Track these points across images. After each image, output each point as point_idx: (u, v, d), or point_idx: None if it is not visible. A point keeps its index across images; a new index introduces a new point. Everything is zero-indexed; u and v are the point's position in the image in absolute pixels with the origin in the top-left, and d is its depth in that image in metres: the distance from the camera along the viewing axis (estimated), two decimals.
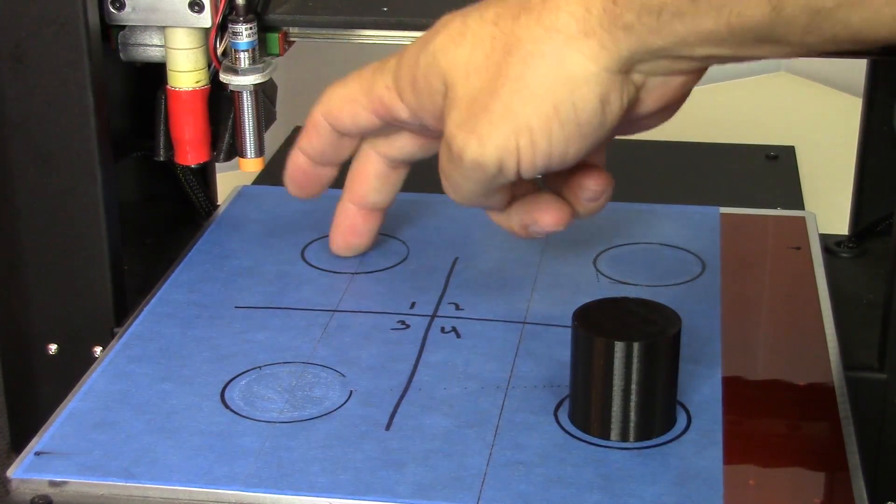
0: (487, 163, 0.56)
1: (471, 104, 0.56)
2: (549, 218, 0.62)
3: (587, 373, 0.56)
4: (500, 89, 0.55)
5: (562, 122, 0.55)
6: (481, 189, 0.58)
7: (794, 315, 0.66)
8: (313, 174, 0.68)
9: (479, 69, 0.56)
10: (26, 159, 0.69)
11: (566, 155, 0.56)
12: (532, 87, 0.54)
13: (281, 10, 0.73)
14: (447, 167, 0.58)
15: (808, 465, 0.55)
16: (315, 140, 0.67)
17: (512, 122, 0.55)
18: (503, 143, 0.55)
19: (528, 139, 0.55)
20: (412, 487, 0.53)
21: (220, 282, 0.70)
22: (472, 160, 0.56)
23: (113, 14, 0.70)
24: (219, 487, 0.53)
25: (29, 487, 0.54)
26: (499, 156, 0.56)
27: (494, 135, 0.55)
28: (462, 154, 0.56)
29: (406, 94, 0.61)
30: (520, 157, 0.56)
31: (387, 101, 0.62)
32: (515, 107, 0.55)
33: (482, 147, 0.56)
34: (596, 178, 0.61)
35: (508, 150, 0.56)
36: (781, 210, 0.78)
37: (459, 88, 0.57)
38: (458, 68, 0.57)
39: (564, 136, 0.55)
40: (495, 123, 0.55)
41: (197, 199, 0.83)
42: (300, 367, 0.62)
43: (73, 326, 0.71)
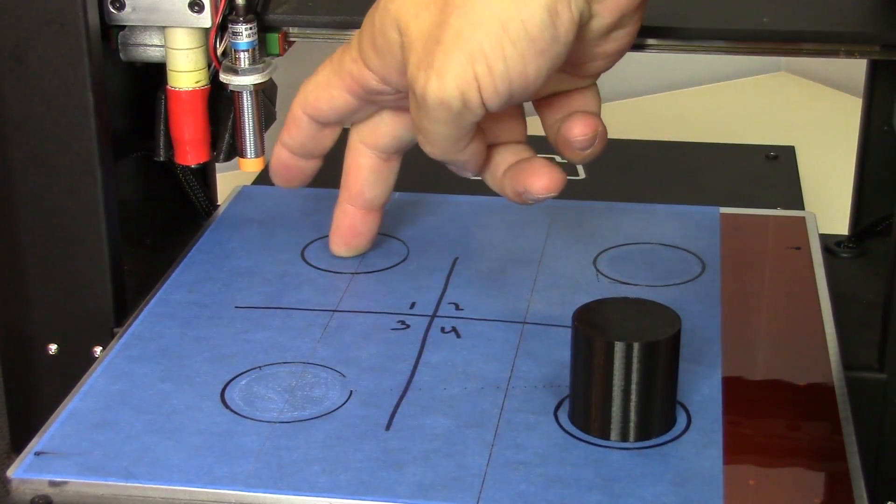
0: (449, 98, 0.56)
1: (425, 42, 0.57)
2: (539, 183, 0.62)
3: (587, 373, 0.56)
4: (449, 18, 0.56)
5: (513, 40, 0.55)
6: (452, 133, 0.58)
7: (794, 315, 0.66)
8: (296, 167, 0.69)
9: (427, 4, 0.57)
10: (26, 159, 0.69)
11: (526, 76, 0.56)
12: (478, 9, 0.55)
13: (281, 10, 0.73)
14: (416, 116, 0.59)
15: (808, 465, 0.55)
16: (295, 133, 0.67)
17: (465, 49, 0.55)
18: (461, 72, 0.56)
19: (484, 65, 0.55)
20: (412, 487, 0.53)
21: (220, 282, 0.70)
22: (435, 98, 0.56)
23: (113, 14, 0.70)
24: (219, 487, 0.53)
25: (29, 487, 0.54)
26: (459, 87, 0.56)
27: (450, 66, 0.56)
28: (425, 94, 0.57)
29: (370, 58, 0.61)
30: (480, 86, 0.56)
31: (356, 74, 0.63)
32: (465, 33, 0.55)
33: (441, 82, 0.56)
34: (582, 124, 0.61)
35: (467, 81, 0.56)
36: (781, 210, 0.78)
37: (412, 29, 0.57)
38: (407, 9, 0.57)
39: (519, 55, 0.55)
40: (449, 54, 0.56)
41: (197, 199, 0.83)
42: (300, 367, 0.62)
43: (73, 326, 0.71)
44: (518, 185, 0.63)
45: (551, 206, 0.77)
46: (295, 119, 0.67)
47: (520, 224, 0.75)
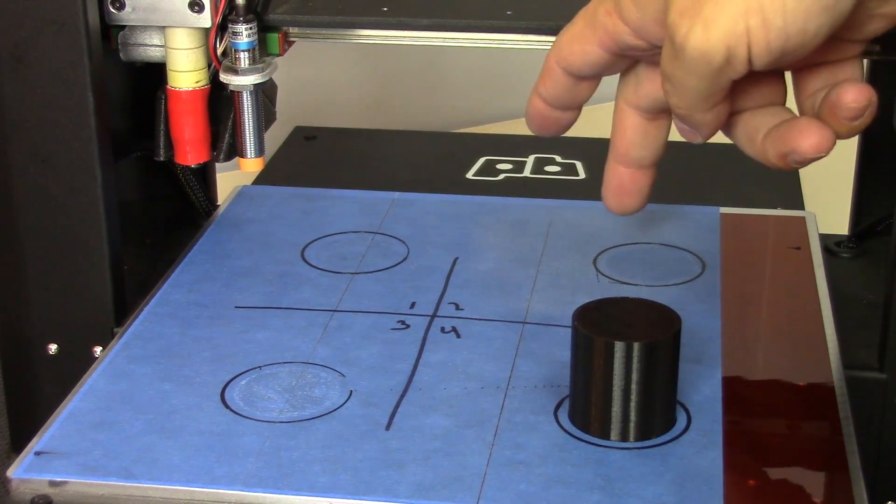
0: (713, 50, 0.52)
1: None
2: (808, 142, 0.56)
3: (587, 373, 0.56)
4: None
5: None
6: (707, 87, 0.54)
7: (794, 315, 0.66)
8: (552, 118, 0.65)
9: None
10: (26, 159, 0.69)
11: (805, 34, 0.52)
12: None
13: (281, 10, 0.73)
14: (669, 66, 0.54)
15: (808, 465, 0.55)
16: (550, 86, 0.63)
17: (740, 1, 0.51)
18: (731, 25, 0.51)
19: (759, 18, 0.51)
20: (412, 487, 0.53)
21: (220, 282, 0.70)
22: (697, 49, 0.52)
23: (113, 14, 0.70)
24: (219, 487, 0.53)
25: (29, 487, 0.54)
26: (726, 40, 0.52)
27: (721, 17, 0.51)
28: (685, 43, 0.53)
29: (627, 9, 0.57)
30: (750, 41, 0.52)
31: (610, 28, 0.58)
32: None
33: (707, 32, 0.52)
34: (856, 90, 0.56)
35: (737, 35, 0.52)
36: (781, 210, 0.78)
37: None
38: None
39: (802, 10, 0.51)
40: (721, 4, 0.51)
41: (197, 199, 0.83)
42: (300, 367, 0.62)
43: (73, 326, 0.71)
44: (784, 145, 0.57)
45: (551, 206, 0.77)
46: (550, 70, 0.63)
47: (520, 224, 0.75)
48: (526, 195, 0.79)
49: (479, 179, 0.86)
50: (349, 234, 0.75)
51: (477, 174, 0.87)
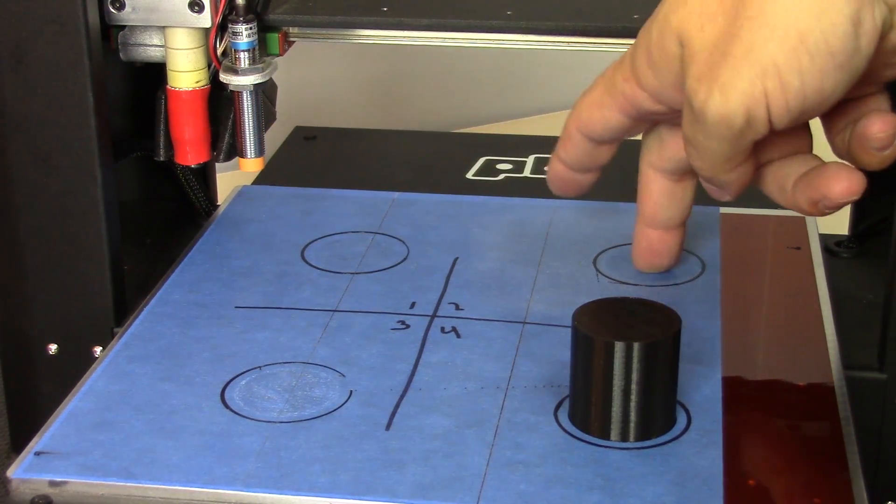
0: (733, 114, 0.53)
1: (709, 54, 0.53)
2: (839, 187, 0.57)
3: (587, 373, 0.55)
4: (739, 31, 0.52)
5: (811, 53, 0.51)
6: (728, 150, 0.55)
7: (794, 315, 0.66)
8: (573, 180, 0.66)
9: (714, 15, 0.53)
10: (26, 159, 0.69)
11: (822, 92, 0.52)
12: (773, 20, 0.51)
13: (281, 10, 0.73)
14: (690, 130, 0.55)
15: (808, 465, 0.55)
16: (571, 150, 0.64)
17: (756, 63, 0.52)
18: (748, 88, 0.52)
19: (776, 80, 0.52)
20: (412, 487, 0.53)
21: (220, 282, 0.70)
22: (716, 114, 0.53)
23: (113, 14, 0.70)
24: (219, 487, 0.53)
25: (29, 487, 0.54)
26: (745, 104, 0.52)
27: (738, 81, 0.52)
28: (704, 109, 0.53)
29: (644, 75, 0.58)
30: (769, 103, 0.52)
31: (628, 94, 0.59)
32: (757, 45, 0.51)
33: (725, 97, 0.52)
34: (881, 121, 0.56)
35: (755, 97, 0.52)
36: (781, 210, 0.78)
37: (695, 41, 0.54)
38: (691, 21, 0.54)
39: (817, 70, 0.51)
40: (738, 68, 0.52)
41: (197, 199, 0.83)
42: (300, 367, 0.62)
43: (73, 326, 0.71)
44: (815, 192, 0.58)
45: (551, 206, 0.77)
46: (570, 136, 0.63)
47: (520, 224, 0.75)
48: (526, 195, 0.79)
49: (479, 179, 0.86)
50: (349, 234, 0.75)
51: (477, 174, 0.87)
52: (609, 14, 0.73)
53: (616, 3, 0.74)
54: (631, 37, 0.71)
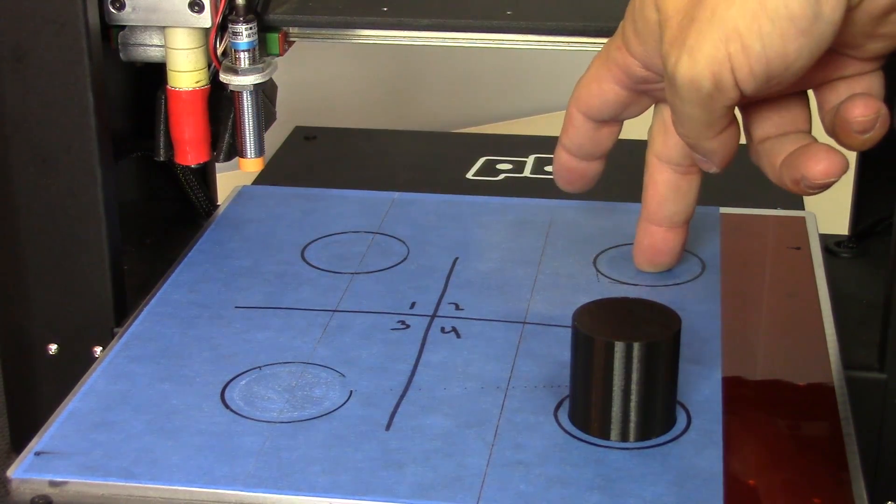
0: (700, 78, 0.54)
1: (680, 20, 0.55)
2: (817, 168, 0.58)
3: (587, 373, 0.56)
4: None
5: (771, 18, 0.52)
6: (703, 115, 0.56)
7: (794, 315, 0.66)
8: (577, 170, 0.67)
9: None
10: (26, 159, 0.69)
11: (786, 57, 0.53)
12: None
13: (281, 10, 0.73)
14: (669, 95, 0.57)
15: (808, 465, 0.55)
16: (573, 134, 0.65)
17: (719, 27, 0.53)
18: (713, 52, 0.53)
19: (738, 44, 0.53)
20: (412, 487, 0.53)
21: (220, 282, 0.70)
22: (685, 77, 0.54)
23: (113, 14, 0.70)
24: (219, 487, 0.53)
25: (29, 487, 0.54)
26: (711, 68, 0.54)
27: (703, 45, 0.53)
28: (675, 73, 0.55)
29: (632, 43, 0.60)
30: (733, 66, 0.53)
31: (621, 62, 0.61)
32: (720, 10, 0.53)
33: (693, 61, 0.54)
34: (863, 105, 0.57)
35: (719, 61, 0.53)
36: (781, 210, 0.78)
37: (669, 7, 0.56)
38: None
39: (778, 35, 0.52)
40: (703, 32, 0.53)
41: (197, 199, 0.83)
42: (300, 367, 0.62)
43: (73, 326, 0.71)
44: (795, 171, 0.59)
45: (551, 206, 0.77)
46: (571, 118, 0.65)
47: (520, 224, 0.76)
48: (526, 195, 0.79)
49: (479, 179, 0.86)
50: (349, 234, 0.75)
51: (477, 174, 0.87)
52: (609, 14, 0.73)
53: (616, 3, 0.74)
54: None
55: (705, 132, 0.58)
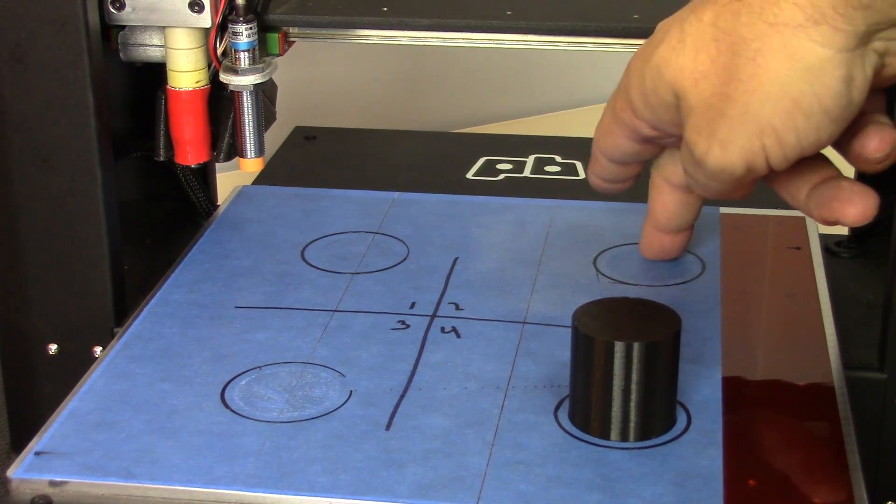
0: (733, 167, 0.55)
1: (706, 110, 0.55)
2: (854, 211, 0.58)
3: (587, 373, 0.55)
4: (734, 93, 0.54)
5: (806, 114, 0.53)
6: (730, 187, 0.57)
7: (794, 315, 0.66)
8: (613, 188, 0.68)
9: (707, 74, 0.55)
10: (26, 159, 0.69)
11: (819, 142, 0.54)
12: (767, 85, 0.53)
13: (281, 10, 0.73)
14: (691, 169, 0.58)
15: (808, 465, 0.55)
16: (600, 170, 0.66)
17: (753, 124, 0.54)
18: (747, 145, 0.54)
19: (774, 138, 0.54)
20: (412, 487, 0.53)
21: (220, 282, 0.70)
22: (716, 165, 0.55)
23: (113, 14, 0.70)
24: (219, 487, 0.53)
25: (29, 487, 0.54)
26: (745, 157, 0.55)
27: (736, 139, 0.54)
28: (705, 160, 0.56)
29: (641, 111, 0.60)
30: (767, 155, 0.55)
31: (629, 123, 0.61)
32: (753, 108, 0.53)
33: (725, 152, 0.55)
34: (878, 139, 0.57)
35: (754, 152, 0.54)
36: (781, 210, 0.78)
37: (691, 97, 0.56)
38: (684, 77, 0.56)
39: (813, 126, 0.53)
40: (735, 128, 0.54)
41: (197, 199, 0.83)
42: (300, 367, 0.62)
43: (73, 326, 0.71)
44: (829, 213, 0.59)
45: (551, 206, 0.77)
46: (596, 159, 0.66)
47: (520, 224, 0.75)
48: (526, 195, 0.79)
49: (479, 179, 0.86)
50: (349, 234, 0.75)
51: (477, 174, 0.87)
52: (609, 14, 0.73)
53: (616, 3, 0.74)
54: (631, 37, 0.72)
55: (728, 195, 0.59)
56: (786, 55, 0.52)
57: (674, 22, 0.57)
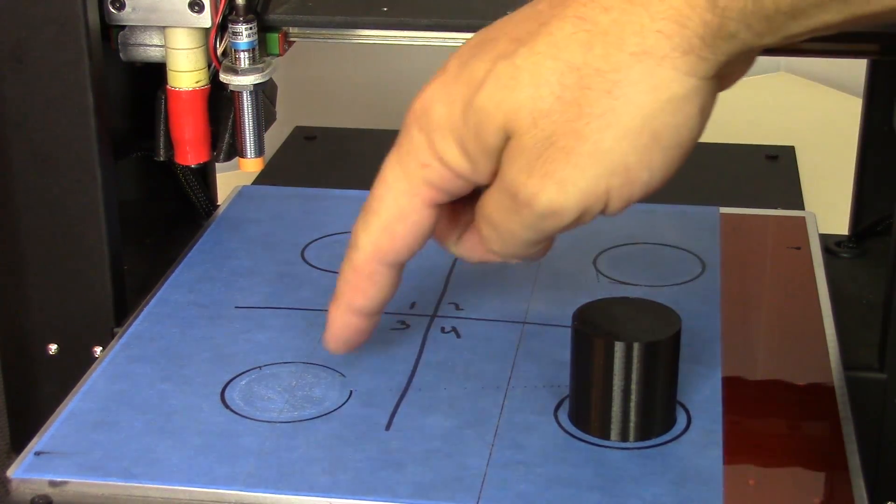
0: (567, 209, 0.50)
1: (543, 150, 0.50)
2: None
3: (587, 373, 0.55)
4: (584, 129, 0.49)
5: (663, 148, 0.49)
6: (539, 237, 0.53)
7: (794, 315, 0.66)
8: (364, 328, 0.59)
9: (551, 112, 0.49)
10: (26, 159, 0.69)
11: (664, 179, 0.51)
12: (626, 119, 0.49)
13: (281, 10, 0.73)
14: (502, 217, 0.52)
15: (808, 465, 0.55)
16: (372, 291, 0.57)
17: (604, 162, 0.49)
18: (591, 186, 0.50)
19: (624, 177, 0.50)
20: (412, 487, 0.53)
21: (220, 282, 0.70)
22: (548, 208, 0.50)
23: (113, 14, 0.70)
24: (219, 487, 0.53)
25: (29, 487, 0.54)
26: (583, 200, 0.50)
27: (579, 179, 0.50)
28: (533, 202, 0.50)
29: (454, 162, 0.53)
30: (609, 199, 0.50)
31: (436, 180, 0.54)
32: (606, 145, 0.49)
33: (563, 193, 0.50)
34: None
35: (596, 195, 0.50)
36: (781, 210, 0.78)
37: (527, 137, 0.50)
38: (521, 116, 0.50)
39: (667, 162, 0.50)
40: (580, 166, 0.49)
41: (197, 199, 0.83)
42: (300, 367, 0.62)
43: (73, 326, 0.71)
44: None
45: None
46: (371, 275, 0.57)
47: None
48: None
49: None
50: (349, 234, 0.75)
51: None
52: None
53: None
54: None
55: (528, 249, 0.54)
56: (649, 86, 0.48)
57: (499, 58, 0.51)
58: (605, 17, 0.49)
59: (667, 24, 0.48)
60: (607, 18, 0.49)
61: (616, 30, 0.49)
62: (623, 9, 0.49)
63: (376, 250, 0.56)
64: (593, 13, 0.49)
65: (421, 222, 0.55)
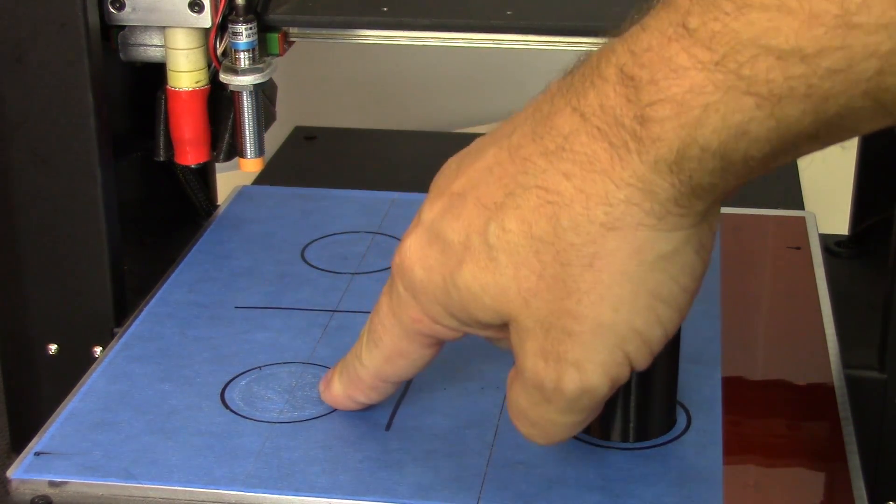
0: (595, 386, 0.48)
1: (546, 330, 0.47)
2: None
3: None
4: (577, 307, 0.46)
5: (667, 300, 0.47)
6: (583, 416, 0.50)
7: (794, 315, 0.66)
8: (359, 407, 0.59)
9: (537, 292, 0.47)
10: (26, 159, 0.69)
11: (681, 320, 0.48)
12: (615, 289, 0.46)
13: (281, 10, 0.73)
14: (538, 412, 0.49)
15: (808, 465, 0.55)
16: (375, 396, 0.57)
17: (611, 336, 0.47)
18: (608, 359, 0.47)
19: (638, 341, 0.47)
20: (412, 487, 0.53)
21: (220, 282, 0.70)
22: (575, 391, 0.48)
23: (113, 14, 0.70)
24: (219, 488, 0.53)
25: (29, 487, 0.54)
26: (607, 373, 0.47)
27: (595, 355, 0.47)
28: (560, 388, 0.48)
29: (447, 321, 0.51)
30: (632, 360, 0.48)
31: (427, 331, 0.52)
32: (606, 318, 0.46)
33: (585, 373, 0.47)
34: None
35: (617, 363, 0.47)
36: (781, 210, 0.78)
37: (525, 319, 0.48)
38: (510, 298, 0.48)
39: (676, 309, 0.47)
40: (592, 345, 0.47)
41: (197, 199, 0.83)
42: (300, 367, 0.62)
43: (73, 326, 0.71)
44: None
45: None
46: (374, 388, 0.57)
47: None
48: None
49: None
50: (349, 234, 0.75)
51: None
52: (608, 14, 0.73)
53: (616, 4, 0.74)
54: None
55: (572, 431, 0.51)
56: (631, 251, 0.46)
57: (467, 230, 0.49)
58: (567, 185, 0.46)
59: (633, 191, 0.45)
60: (570, 186, 0.46)
61: (581, 199, 0.46)
62: (583, 176, 0.46)
63: (379, 374, 0.56)
64: (554, 180, 0.46)
65: (423, 356, 0.54)
